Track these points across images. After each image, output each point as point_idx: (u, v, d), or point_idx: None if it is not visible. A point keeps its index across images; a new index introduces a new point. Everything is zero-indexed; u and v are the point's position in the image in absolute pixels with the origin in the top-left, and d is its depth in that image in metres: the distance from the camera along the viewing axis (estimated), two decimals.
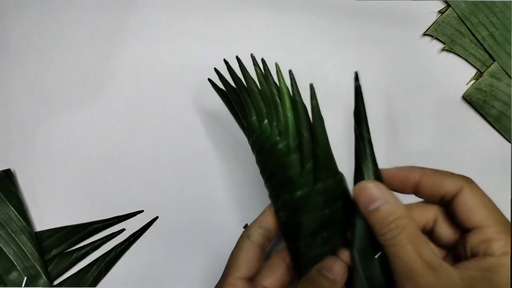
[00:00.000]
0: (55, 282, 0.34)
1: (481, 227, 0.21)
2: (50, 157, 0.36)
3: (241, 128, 0.28)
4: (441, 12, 0.37)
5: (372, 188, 0.22)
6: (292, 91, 0.24)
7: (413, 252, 0.20)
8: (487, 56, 0.36)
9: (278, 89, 0.25)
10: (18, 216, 0.34)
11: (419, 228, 0.23)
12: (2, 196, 0.34)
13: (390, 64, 0.37)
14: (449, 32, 0.37)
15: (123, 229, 0.35)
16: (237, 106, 0.27)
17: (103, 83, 0.37)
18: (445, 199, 0.23)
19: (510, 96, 0.36)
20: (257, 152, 0.26)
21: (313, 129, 0.24)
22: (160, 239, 0.35)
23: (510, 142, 0.36)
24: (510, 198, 0.35)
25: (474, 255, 0.21)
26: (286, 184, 0.24)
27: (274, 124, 0.25)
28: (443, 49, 0.37)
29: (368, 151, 0.24)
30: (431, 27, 0.37)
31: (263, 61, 0.26)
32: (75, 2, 0.39)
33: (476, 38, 0.36)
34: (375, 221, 0.21)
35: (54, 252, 0.34)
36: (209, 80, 0.30)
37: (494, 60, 0.36)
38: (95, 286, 0.34)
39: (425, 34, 0.37)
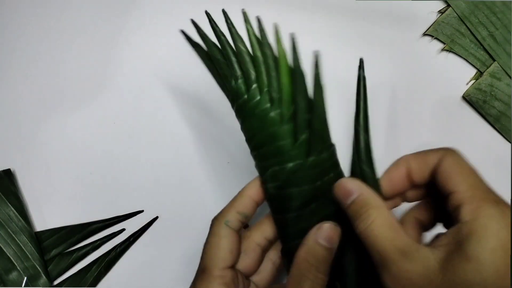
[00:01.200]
0: (55, 282, 0.34)
1: (454, 192, 0.20)
2: (50, 157, 0.36)
3: (222, 91, 0.26)
4: (441, 12, 0.37)
5: (347, 183, 0.22)
6: (292, 56, 0.22)
7: (386, 241, 0.19)
8: (487, 56, 0.36)
9: (273, 51, 0.23)
10: (18, 216, 0.34)
11: (414, 223, 0.23)
12: (2, 196, 0.34)
13: (390, 64, 0.37)
14: (449, 32, 0.37)
15: (123, 229, 0.35)
16: (219, 65, 0.24)
17: (103, 83, 0.37)
18: (433, 175, 0.22)
19: (510, 96, 0.36)
20: (244, 119, 0.24)
21: (312, 99, 0.22)
22: (160, 239, 0.35)
23: (510, 142, 0.36)
24: (510, 198, 0.35)
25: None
26: (277, 155, 0.23)
27: (265, 89, 0.23)
28: (443, 49, 0.37)
29: (363, 156, 0.23)
30: (431, 27, 0.37)
31: (258, 20, 0.24)
32: (75, 2, 0.39)
33: (476, 38, 0.36)
34: (350, 214, 0.21)
35: (54, 252, 0.34)
36: (182, 32, 0.26)
37: (494, 60, 0.36)
38: (95, 286, 0.34)
39: (425, 34, 0.37)
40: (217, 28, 0.24)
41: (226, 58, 0.24)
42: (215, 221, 0.25)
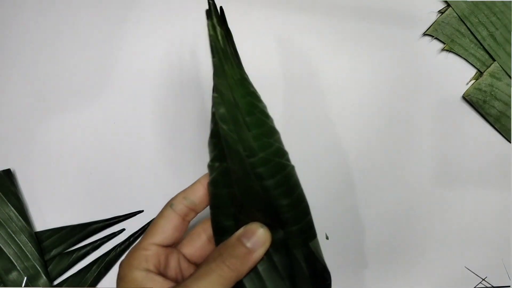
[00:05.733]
0: (55, 282, 0.34)
1: None
2: (50, 157, 0.36)
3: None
4: (441, 12, 0.37)
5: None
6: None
7: None
8: (487, 56, 0.36)
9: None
10: (18, 216, 0.34)
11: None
12: (2, 196, 0.34)
13: (390, 64, 0.37)
14: (449, 32, 0.37)
15: (123, 229, 0.35)
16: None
17: (103, 83, 0.37)
18: None
19: (510, 96, 0.36)
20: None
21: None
22: None
23: (510, 142, 0.36)
24: (510, 198, 0.35)
25: None
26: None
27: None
28: (443, 49, 0.37)
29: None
30: (431, 27, 0.37)
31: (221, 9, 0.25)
32: (74, 2, 0.39)
33: (476, 38, 0.36)
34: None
35: (54, 252, 0.34)
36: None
37: (494, 60, 0.36)
38: (95, 286, 0.34)
39: (425, 34, 0.37)
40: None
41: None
42: (167, 202, 0.26)
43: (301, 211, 0.24)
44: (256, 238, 0.23)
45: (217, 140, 0.24)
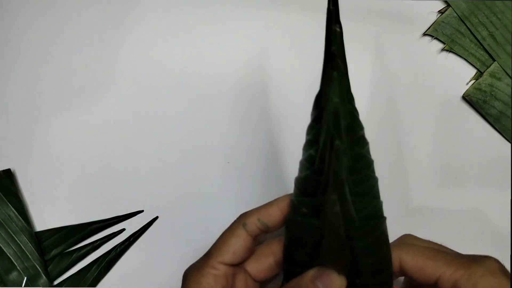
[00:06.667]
0: (55, 282, 0.34)
1: (438, 278, 0.21)
2: (50, 157, 0.36)
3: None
4: (441, 12, 0.37)
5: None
6: None
7: None
8: (487, 56, 0.36)
9: None
10: (18, 216, 0.34)
11: None
12: (2, 196, 0.34)
13: (390, 64, 0.37)
14: (449, 32, 0.37)
15: (123, 229, 0.35)
16: None
17: (103, 84, 0.37)
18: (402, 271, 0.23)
19: (510, 96, 0.36)
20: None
21: None
22: (160, 239, 0.35)
23: (510, 142, 0.36)
24: (510, 198, 0.35)
25: None
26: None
27: None
28: (443, 49, 0.37)
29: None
30: (431, 27, 0.37)
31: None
32: (74, 2, 0.39)
33: (476, 38, 0.36)
34: None
35: (54, 252, 0.34)
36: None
37: (494, 60, 0.36)
38: (95, 286, 0.34)
39: (425, 34, 0.37)
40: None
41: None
42: (238, 218, 0.25)
43: (383, 266, 0.22)
44: (332, 282, 0.21)
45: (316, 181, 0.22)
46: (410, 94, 0.36)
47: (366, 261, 0.21)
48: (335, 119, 0.20)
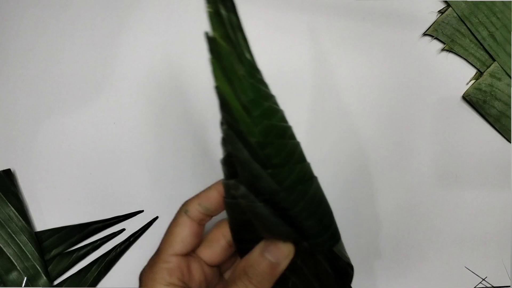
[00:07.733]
0: (55, 282, 0.34)
1: None
2: (50, 157, 0.36)
3: None
4: (441, 12, 0.37)
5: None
6: None
7: None
8: (487, 56, 0.36)
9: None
10: (18, 216, 0.34)
11: None
12: (2, 196, 0.34)
13: (390, 64, 0.37)
14: (449, 32, 0.37)
15: (123, 229, 0.35)
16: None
17: (103, 84, 0.37)
18: None
19: (510, 96, 0.36)
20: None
21: None
22: (160, 239, 0.35)
23: (510, 142, 0.36)
24: (510, 198, 0.35)
25: None
26: None
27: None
28: (443, 49, 0.37)
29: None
30: (431, 27, 0.37)
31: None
32: (75, 2, 0.39)
33: (476, 38, 0.36)
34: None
35: (54, 252, 0.34)
36: None
37: (494, 60, 0.36)
38: (95, 286, 0.34)
39: (425, 34, 0.37)
40: None
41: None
42: (181, 207, 0.25)
43: (325, 224, 0.23)
44: (279, 251, 0.22)
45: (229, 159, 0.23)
46: (410, 94, 0.36)
47: (306, 224, 0.22)
48: (221, 102, 0.19)
